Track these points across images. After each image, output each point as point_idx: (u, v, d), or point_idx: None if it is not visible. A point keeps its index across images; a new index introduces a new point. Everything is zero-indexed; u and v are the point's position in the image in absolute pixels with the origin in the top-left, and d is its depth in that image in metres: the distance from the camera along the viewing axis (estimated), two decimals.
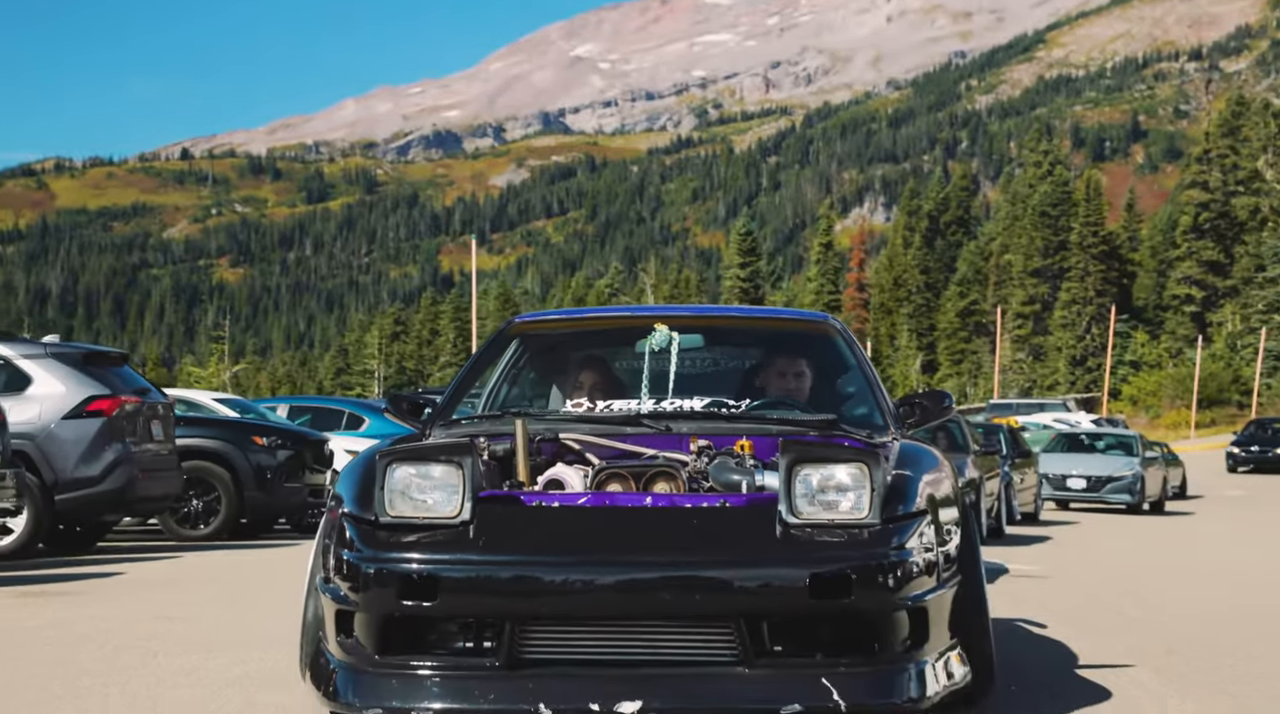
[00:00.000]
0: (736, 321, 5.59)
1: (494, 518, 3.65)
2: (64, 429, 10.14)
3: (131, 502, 10.60)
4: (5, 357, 10.30)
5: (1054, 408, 39.92)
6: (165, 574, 8.98)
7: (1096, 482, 21.42)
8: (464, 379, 4.93)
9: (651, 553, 3.52)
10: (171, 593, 7.72)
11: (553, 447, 4.26)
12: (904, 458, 4.02)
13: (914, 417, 4.70)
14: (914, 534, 3.64)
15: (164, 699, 4.45)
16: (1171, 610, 7.47)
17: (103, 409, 10.27)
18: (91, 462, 10.15)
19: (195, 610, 6.70)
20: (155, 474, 10.70)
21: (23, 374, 10.25)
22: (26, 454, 9.86)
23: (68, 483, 10.07)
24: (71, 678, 4.82)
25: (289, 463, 12.63)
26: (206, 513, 12.28)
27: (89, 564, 9.56)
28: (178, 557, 10.40)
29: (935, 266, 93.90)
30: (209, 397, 15.13)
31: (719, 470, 3.95)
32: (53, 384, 10.22)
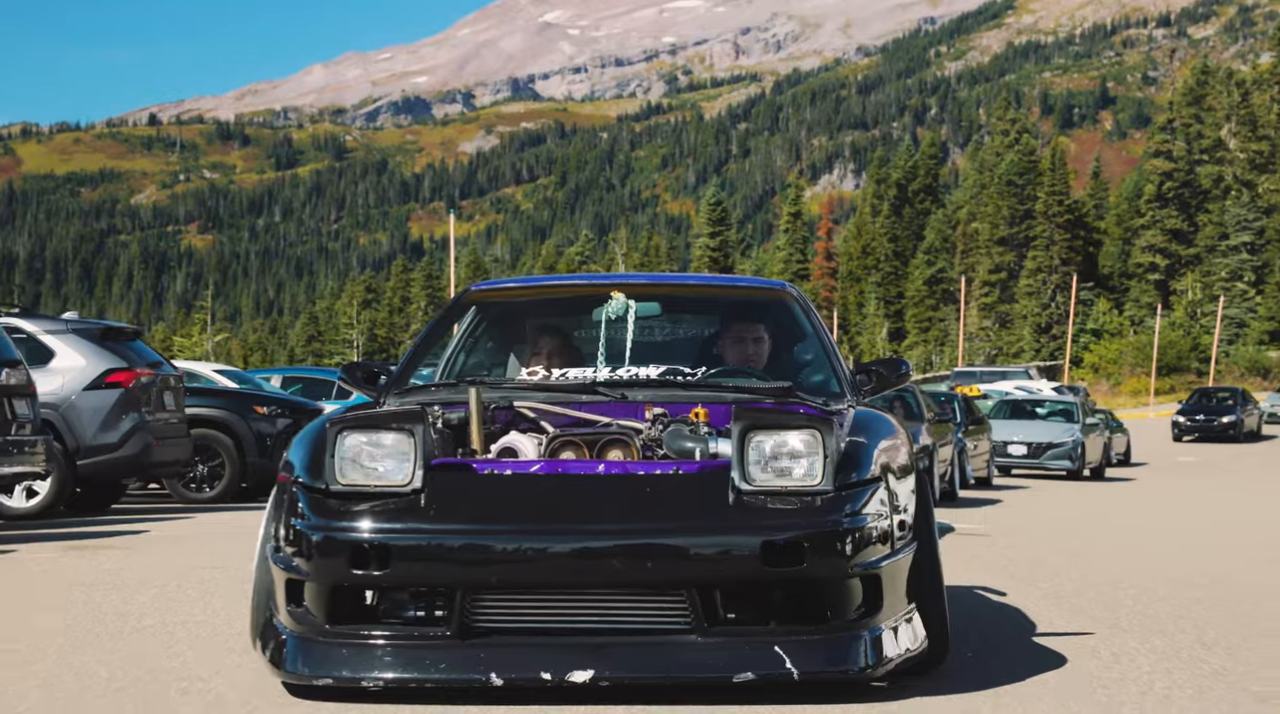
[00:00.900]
0: (693, 289, 5.59)
1: (445, 486, 3.69)
2: (85, 399, 10.90)
3: (146, 466, 11.39)
4: (29, 332, 11.03)
5: (1016, 376, 40.78)
6: (187, 531, 9.74)
7: (1037, 448, 21.74)
8: (419, 347, 4.95)
9: (603, 520, 3.55)
10: (200, 546, 8.48)
11: (507, 415, 4.27)
12: (859, 425, 4.01)
13: (871, 384, 4.73)
14: (868, 501, 3.66)
15: (220, 633, 5.07)
16: (1112, 573, 8.26)
17: (120, 381, 11.05)
18: (110, 429, 10.93)
19: (228, 561, 7.47)
20: (168, 441, 11.46)
21: (46, 348, 11.00)
22: (51, 422, 10.61)
23: (89, 449, 10.85)
24: (138, 615, 5.49)
25: (288, 430, 13.38)
26: (211, 477, 13.03)
27: (110, 524, 10.30)
28: (190, 517, 11.16)
29: (903, 235, 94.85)
30: (210, 368, 15.89)
31: (672, 438, 3.97)
32: (74, 357, 10.99)
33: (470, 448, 4.07)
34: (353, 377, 4.87)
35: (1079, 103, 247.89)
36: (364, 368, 4.90)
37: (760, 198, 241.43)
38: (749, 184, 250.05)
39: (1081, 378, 62.73)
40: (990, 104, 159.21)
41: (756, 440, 3.67)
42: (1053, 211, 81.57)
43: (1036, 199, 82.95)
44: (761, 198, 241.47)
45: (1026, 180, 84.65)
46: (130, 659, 4.48)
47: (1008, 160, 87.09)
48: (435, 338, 5.12)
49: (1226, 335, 72.96)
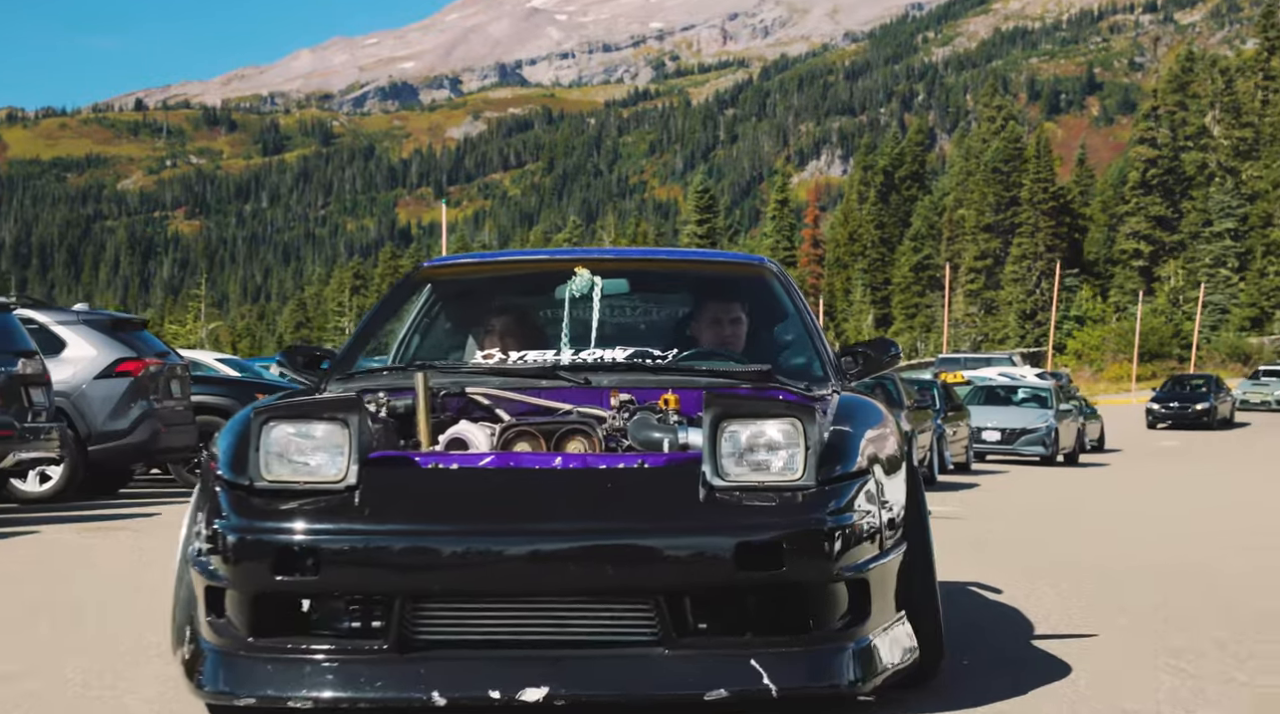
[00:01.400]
0: (665, 265, 5.25)
1: (383, 482, 3.34)
2: (96, 388, 11.31)
3: (154, 452, 11.82)
4: (42, 323, 11.44)
5: (1000, 362, 41.21)
6: None
7: (1011, 434, 21.88)
8: (364, 329, 4.58)
9: (560, 520, 3.22)
10: None
11: (459, 402, 3.92)
12: (844, 412, 3.68)
13: (857, 367, 4.38)
14: (854, 497, 3.34)
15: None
16: (1101, 560, 8.46)
17: (130, 370, 11.45)
18: (120, 417, 11.33)
19: None
20: (175, 428, 11.88)
21: (58, 339, 11.40)
22: (63, 410, 11.00)
23: (100, 435, 11.27)
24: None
25: None
26: None
27: (121, 507, 10.72)
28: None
29: (890, 222, 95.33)
30: (213, 357, 16.31)
31: (638, 427, 3.66)
32: (85, 348, 11.40)
33: (416, 440, 3.72)
34: (292, 361, 4.46)
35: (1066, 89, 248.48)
36: (305, 352, 4.51)
37: (748, 184, 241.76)
38: (736, 170, 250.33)
39: (1065, 364, 63.28)
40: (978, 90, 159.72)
41: (730, 430, 3.34)
42: (1037, 198, 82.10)
43: (1021, 186, 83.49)
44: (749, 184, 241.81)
45: (1012, 168, 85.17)
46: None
47: (993, 148, 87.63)
48: (383, 319, 4.72)
49: (1210, 321, 73.58)
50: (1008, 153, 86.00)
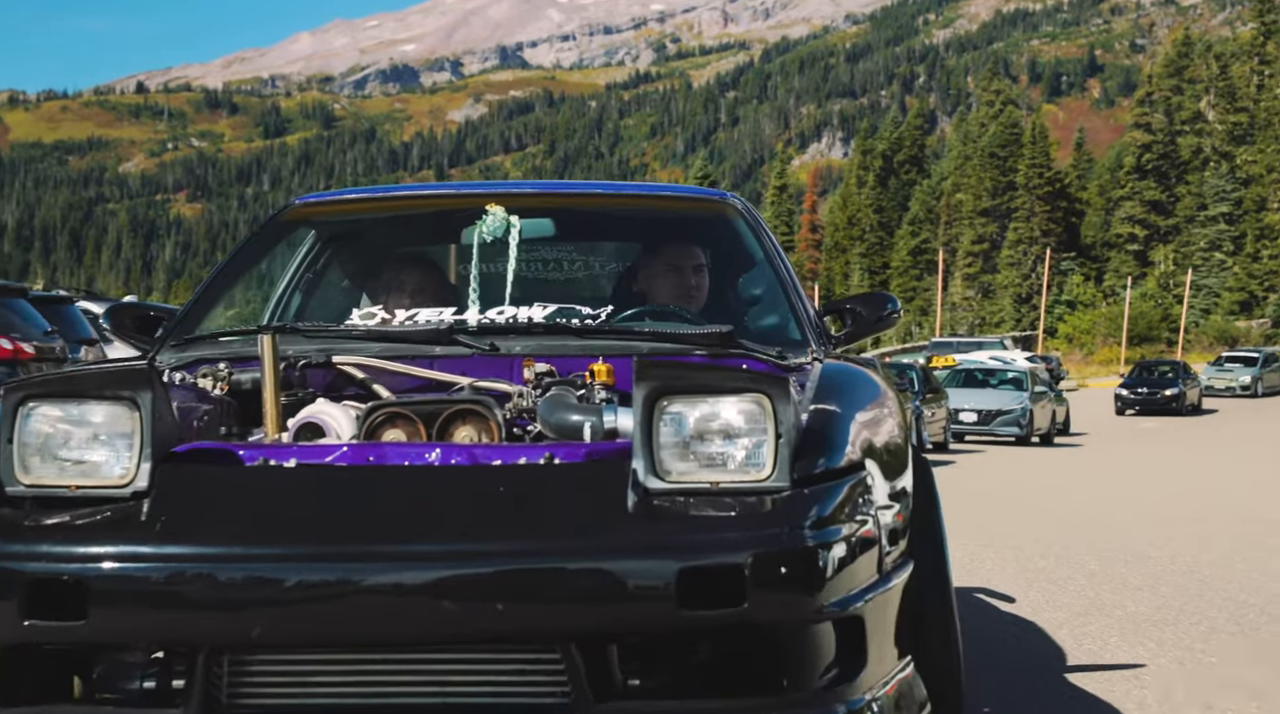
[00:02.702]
0: (600, 201, 4.11)
1: (186, 486, 2.37)
2: None
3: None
4: (97, 313, 11.60)
5: (991, 346, 41.89)
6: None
7: (987, 415, 22.82)
8: (214, 282, 3.61)
9: (432, 538, 2.27)
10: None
11: (325, 376, 3.07)
12: (827, 386, 2.77)
13: (845, 328, 3.58)
14: (843, 501, 2.39)
15: None
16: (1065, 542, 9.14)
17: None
18: None
19: None
20: None
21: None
22: None
23: None
24: None
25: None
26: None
27: None
28: None
29: (889, 205, 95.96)
30: None
31: (550, 407, 2.73)
32: None
33: (265, 427, 2.81)
34: (119, 324, 3.57)
35: (1067, 71, 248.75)
36: (136, 311, 3.65)
37: (749, 166, 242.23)
38: (738, 153, 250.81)
39: (1056, 348, 64.02)
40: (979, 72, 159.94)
41: (671, 411, 2.38)
42: (1033, 184, 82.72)
43: (1018, 171, 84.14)
44: (750, 167, 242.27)
45: (1009, 152, 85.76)
46: None
47: (990, 132, 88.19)
48: (238, 270, 3.71)
49: (1204, 305, 74.26)
50: (1004, 137, 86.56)
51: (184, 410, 2.75)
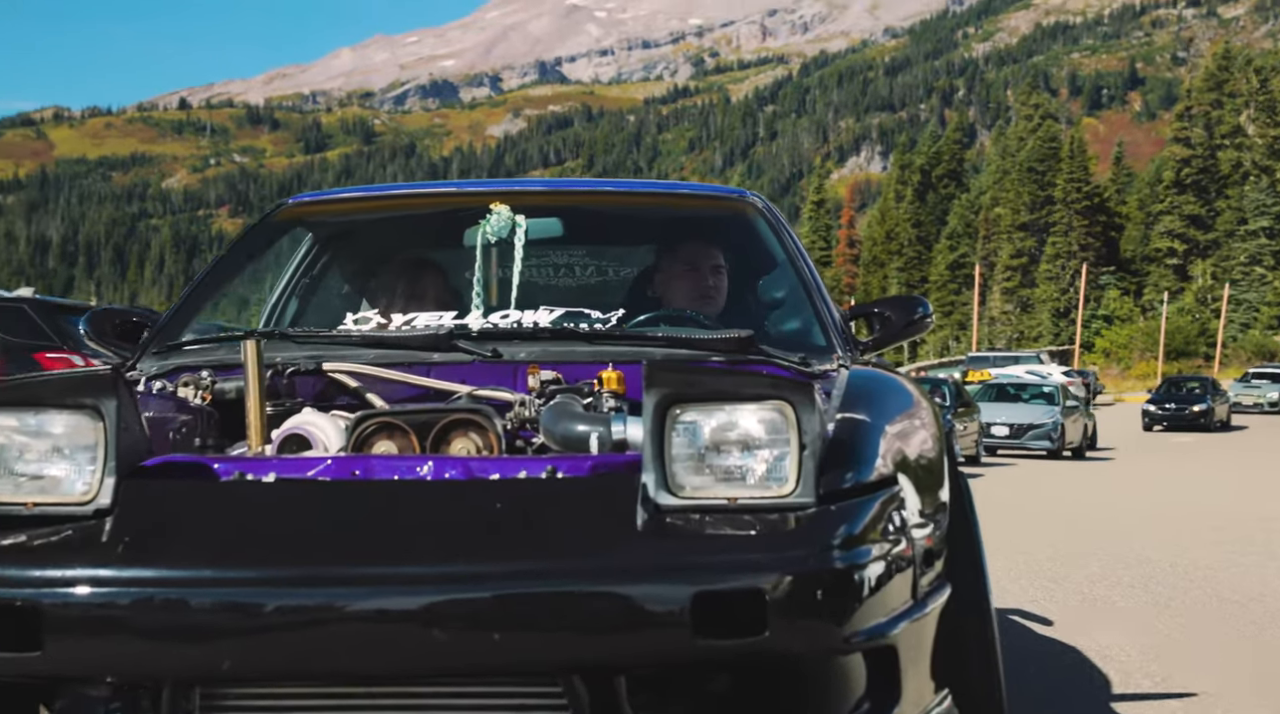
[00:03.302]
0: (611, 199, 3.90)
1: (153, 504, 2.19)
2: None
3: None
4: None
5: (1028, 360, 41.92)
6: None
7: (1019, 429, 23.05)
8: (200, 286, 3.42)
9: (421, 560, 2.08)
10: None
11: (316, 384, 2.89)
12: (855, 393, 2.61)
13: (874, 333, 3.42)
14: (873, 519, 2.21)
15: None
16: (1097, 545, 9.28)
17: None
18: None
19: None
20: None
21: None
22: None
23: None
24: None
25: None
26: None
27: None
28: None
29: (927, 220, 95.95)
30: None
31: (554, 417, 2.55)
32: None
33: (248, 440, 2.62)
34: (99, 330, 3.37)
35: (1108, 84, 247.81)
36: (118, 316, 3.42)
37: (787, 180, 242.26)
38: (776, 167, 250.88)
39: (1093, 362, 63.88)
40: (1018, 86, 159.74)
41: (686, 420, 2.22)
42: (1071, 198, 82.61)
43: (1056, 185, 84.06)
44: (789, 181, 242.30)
45: (1047, 167, 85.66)
46: None
47: (1029, 146, 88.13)
48: (228, 273, 3.53)
49: (1243, 320, 73.92)
50: (1043, 152, 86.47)
51: (159, 421, 2.59)
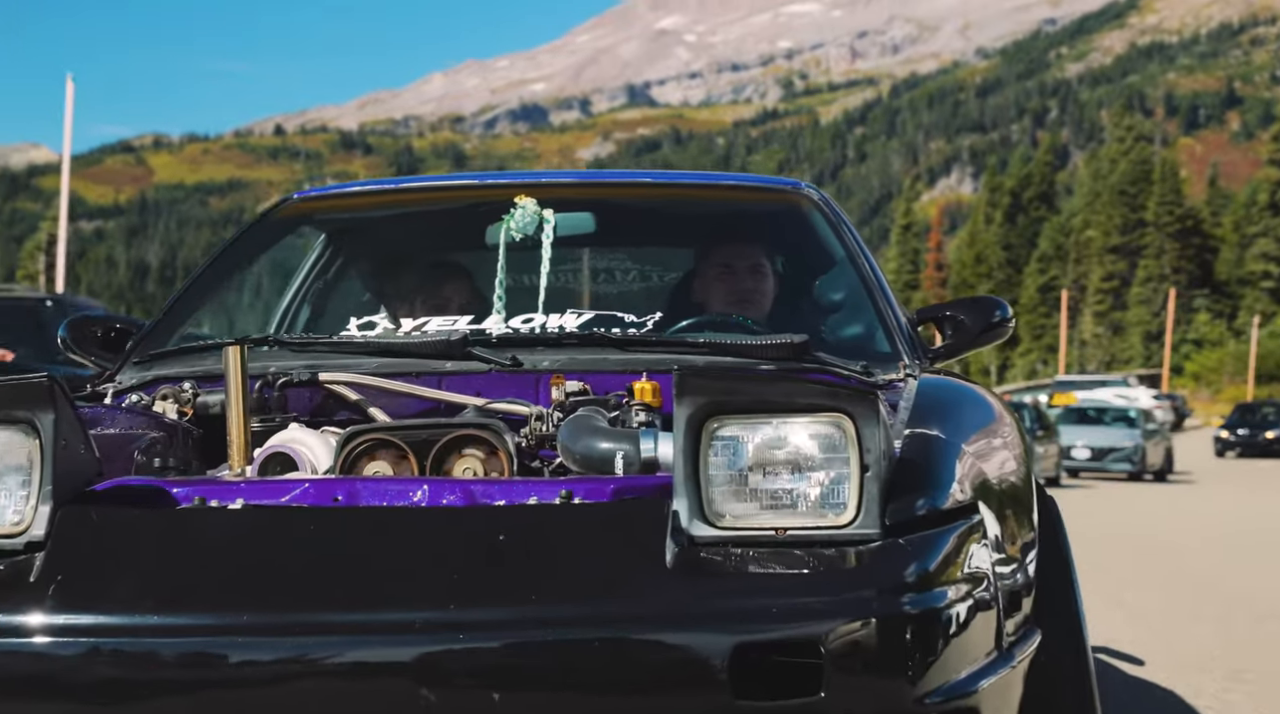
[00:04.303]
0: (650, 192, 3.51)
1: (95, 536, 1.84)
2: None
3: None
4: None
5: (1115, 384, 41.60)
6: None
7: (1100, 452, 23.28)
8: (190, 290, 3.13)
9: (408, 604, 1.73)
10: None
11: (311, 396, 2.56)
12: (927, 406, 2.25)
13: (947, 340, 3.01)
14: (949, 555, 1.84)
15: None
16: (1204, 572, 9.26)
17: None
18: None
19: None
20: None
21: None
22: None
23: None
24: None
25: None
26: None
27: None
28: None
29: (1017, 243, 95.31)
30: None
31: (574, 433, 2.18)
32: None
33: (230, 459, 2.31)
34: (79, 337, 3.03)
35: (1204, 103, 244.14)
36: (100, 324, 3.10)
37: (877, 202, 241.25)
38: (865, 189, 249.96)
39: (1183, 386, 63.03)
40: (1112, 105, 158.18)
41: (726, 436, 1.86)
42: (1163, 221, 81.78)
43: (1147, 208, 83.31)
44: (878, 202, 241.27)
45: (1139, 189, 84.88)
46: None
47: (1120, 169, 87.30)
48: (222, 276, 3.23)
49: None
50: (1134, 174, 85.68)
51: (123, 439, 2.30)
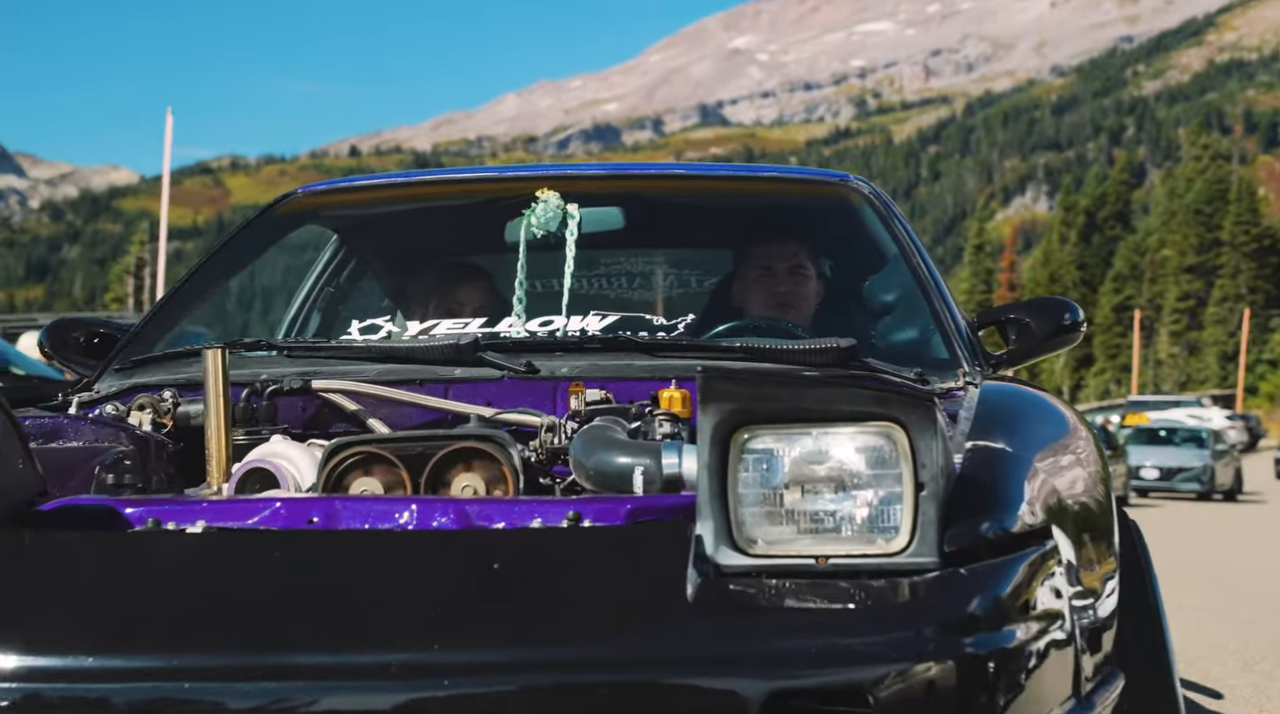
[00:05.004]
0: (685, 184, 3.27)
1: (28, 564, 1.62)
2: None
3: None
4: None
5: (1188, 405, 41.35)
6: None
7: (1169, 472, 23.40)
8: (181, 291, 2.91)
9: (387, 645, 1.48)
10: None
11: (306, 406, 2.34)
12: (992, 416, 1.99)
13: (1011, 345, 2.73)
14: (1019, 588, 1.57)
15: None
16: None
17: None
18: None
19: None
20: None
21: None
22: None
23: None
24: None
25: None
26: None
27: None
28: None
29: (1092, 262, 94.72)
30: None
31: (588, 445, 1.90)
32: None
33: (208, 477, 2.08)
34: (59, 343, 2.85)
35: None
36: (82, 328, 2.90)
37: (951, 221, 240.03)
38: (939, 207, 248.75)
39: (1257, 407, 62.31)
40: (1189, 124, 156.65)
41: (758, 448, 1.58)
42: (1239, 241, 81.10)
43: (1223, 228, 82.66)
44: (952, 221, 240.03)
45: (1215, 208, 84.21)
46: None
47: (1196, 188, 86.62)
48: (216, 278, 3.04)
49: None
50: (1210, 193, 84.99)
51: (86, 453, 2.09)
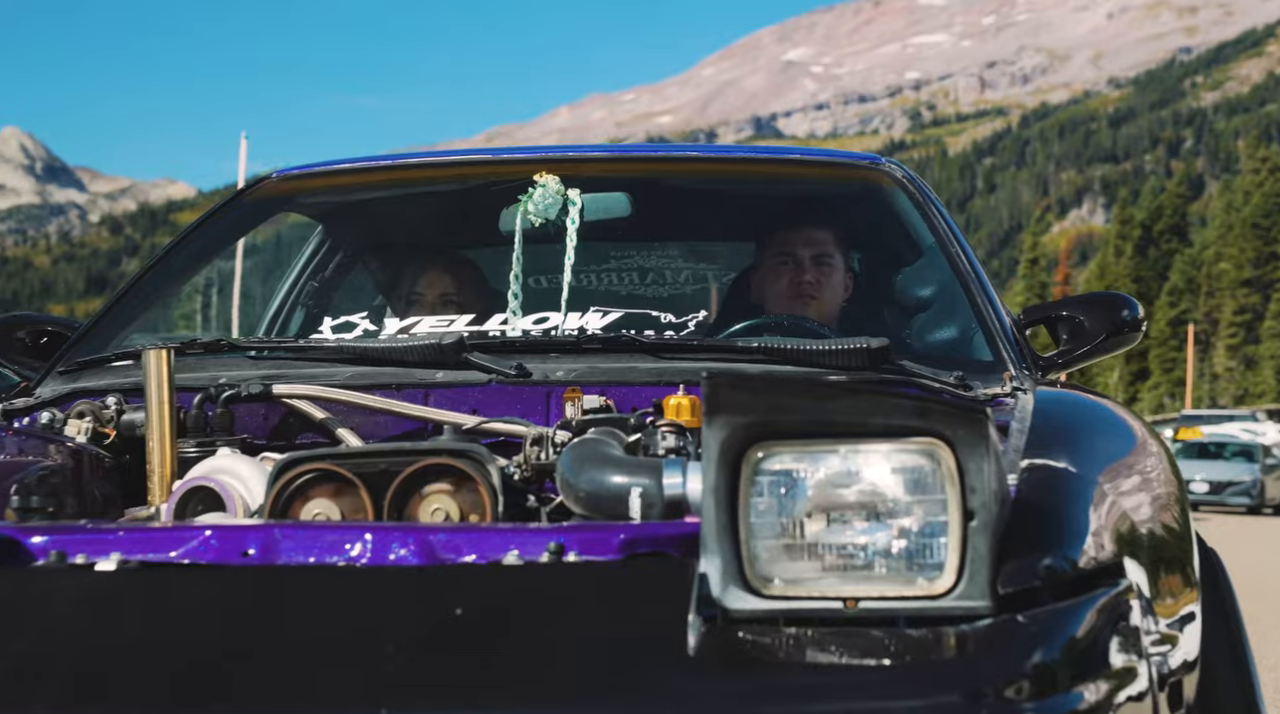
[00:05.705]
0: (699, 168, 2.96)
1: None
2: None
3: None
4: None
5: (1243, 419, 41.52)
6: None
7: (1218, 486, 23.64)
8: (136, 286, 2.61)
9: (329, 704, 1.21)
10: None
11: (266, 415, 2.06)
12: (1050, 429, 1.72)
13: (1063, 345, 2.46)
14: (1089, 637, 1.32)
15: None
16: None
17: None
18: None
19: None
20: None
21: None
22: None
23: None
24: None
25: None
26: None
27: None
28: None
29: (1148, 275, 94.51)
30: None
31: (578, 462, 1.65)
32: None
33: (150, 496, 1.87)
34: (2, 343, 2.60)
35: None
36: (29, 325, 2.65)
37: (1006, 233, 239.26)
38: (994, 220, 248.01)
39: None
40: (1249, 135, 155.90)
41: (774, 469, 1.31)
42: None
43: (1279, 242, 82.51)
44: (1008, 234, 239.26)
45: (1272, 222, 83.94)
46: None
47: (1254, 201, 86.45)
48: (179, 272, 2.78)
49: None
50: (1268, 207, 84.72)
51: (6, 469, 1.87)
